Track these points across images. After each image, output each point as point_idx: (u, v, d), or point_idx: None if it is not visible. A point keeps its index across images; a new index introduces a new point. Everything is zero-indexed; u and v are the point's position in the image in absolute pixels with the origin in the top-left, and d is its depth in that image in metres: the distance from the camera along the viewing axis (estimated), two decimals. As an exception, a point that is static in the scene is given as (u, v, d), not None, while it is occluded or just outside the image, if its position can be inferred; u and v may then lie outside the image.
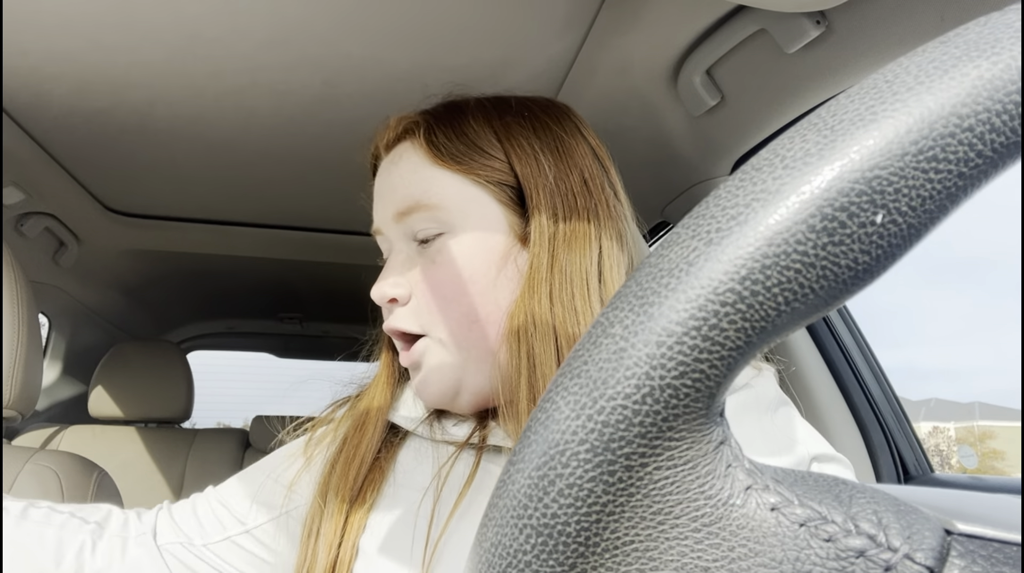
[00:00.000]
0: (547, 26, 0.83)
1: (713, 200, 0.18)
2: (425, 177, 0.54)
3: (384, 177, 0.57)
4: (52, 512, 0.56)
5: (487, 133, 0.54)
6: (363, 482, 0.55)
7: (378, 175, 0.59)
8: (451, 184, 0.53)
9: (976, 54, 0.16)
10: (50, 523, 0.55)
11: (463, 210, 0.53)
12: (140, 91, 0.97)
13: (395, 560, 0.51)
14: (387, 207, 0.56)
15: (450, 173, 0.53)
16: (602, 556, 0.18)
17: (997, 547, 0.17)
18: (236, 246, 1.61)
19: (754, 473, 0.18)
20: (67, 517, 0.57)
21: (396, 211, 0.55)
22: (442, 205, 0.53)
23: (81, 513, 0.58)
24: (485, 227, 0.53)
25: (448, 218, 0.53)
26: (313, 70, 0.92)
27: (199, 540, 0.59)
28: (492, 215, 0.53)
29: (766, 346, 0.17)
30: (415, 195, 0.53)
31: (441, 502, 0.52)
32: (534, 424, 0.19)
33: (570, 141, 0.56)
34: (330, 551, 0.53)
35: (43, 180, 1.24)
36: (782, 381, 0.59)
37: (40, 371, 0.89)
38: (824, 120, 0.18)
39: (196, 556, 0.58)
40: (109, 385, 1.75)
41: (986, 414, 11.59)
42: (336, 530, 0.53)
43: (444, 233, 0.53)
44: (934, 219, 0.17)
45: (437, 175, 0.53)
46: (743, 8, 0.75)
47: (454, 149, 0.54)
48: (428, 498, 0.53)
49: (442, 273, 0.52)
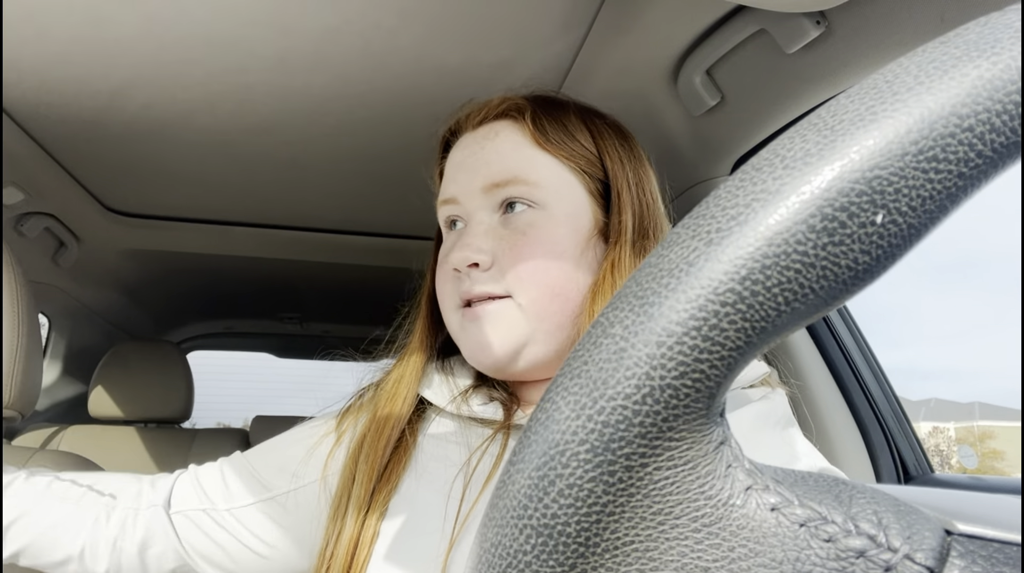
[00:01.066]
0: (547, 26, 0.83)
1: (713, 200, 0.18)
2: (527, 156, 0.57)
3: (474, 150, 0.59)
4: (72, 486, 0.60)
5: (583, 129, 0.59)
6: (391, 456, 0.57)
7: (463, 149, 0.60)
8: (550, 166, 0.57)
9: (976, 54, 0.16)
10: (68, 498, 0.59)
11: (558, 191, 0.57)
12: (140, 91, 0.97)
13: (423, 534, 0.53)
14: (476, 178, 0.58)
15: (550, 156, 0.57)
16: (602, 556, 0.18)
17: (997, 547, 0.17)
18: (236, 246, 1.60)
19: (754, 473, 0.18)
20: (85, 490, 0.60)
21: (489, 182, 0.57)
22: (540, 183, 0.56)
23: (99, 485, 0.61)
24: (575, 211, 0.57)
25: (544, 196, 0.56)
26: (313, 71, 0.92)
27: (223, 504, 0.60)
28: (581, 201, 0.57)
29: (766, 346, 0.17)
30: (513, 170, 0.56)
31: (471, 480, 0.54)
32: (534, 424, 0.19)
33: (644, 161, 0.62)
34: (357, 524, 0.55)
35: (43, 180, 1.24)
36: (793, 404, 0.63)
37: (40, 371, 0.89)
38: (824, 120, 0.18)
39: (216, 521, 0.60)
40: (109, 385, 1.75)
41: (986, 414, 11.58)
42: (363, 503, 0.55)
43: (536, 208, 0.56)
44: (934, 219, 0.17)
45: (538, 156, 0.57)
46: (743, 8, 0.75)
47: (555, 135, 0.58)
48: (459, 475, 0.55)
49: (534, 244, 0.55)
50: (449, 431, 0.59)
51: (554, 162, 0.57)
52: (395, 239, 1.62)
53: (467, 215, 0.59)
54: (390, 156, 1.21)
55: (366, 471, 0.56)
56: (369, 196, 1.39)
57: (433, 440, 0.59)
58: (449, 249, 0.59)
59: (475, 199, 0.58)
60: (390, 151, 1.19)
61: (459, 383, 0.61)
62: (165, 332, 2.36)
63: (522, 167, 0.56)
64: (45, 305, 1.75)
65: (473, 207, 0.58)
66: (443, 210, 0.61)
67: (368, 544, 0.54)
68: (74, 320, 1.90)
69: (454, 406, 0.59)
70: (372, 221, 1.54)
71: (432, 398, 0.60)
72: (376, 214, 1.50)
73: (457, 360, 0.64)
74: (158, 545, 0.59)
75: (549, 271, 0.54)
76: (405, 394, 0.60)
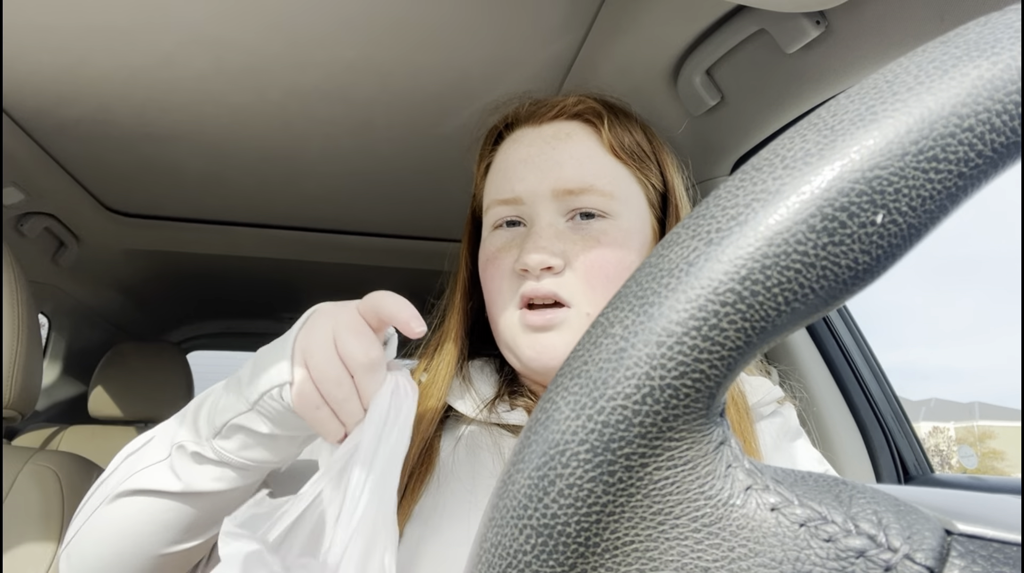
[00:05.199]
0: (547, 26, 0.83)
1: (713, 200, 0.18)
2: (602, 164, 0.57)
3: (543, 148, 0.57)
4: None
5: (644, 137, 0.60)
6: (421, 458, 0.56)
7: (527, 145, 0.58)
8: (622, 177, 0.57)
9: (976, 54, 0.16)
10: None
11: (628, 202, 0.57)
12: (140, 92, 0.97)
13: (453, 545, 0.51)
14: (547, 180, 0.56)
15: (622, 166, 0.58)
16: (602, 556, 0.18)
17: (997, 547, 0.17)
18: (236, 246, 1.60)
19: (754, 473, 0.18)
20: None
21: (562, 187, 0.55)
22: (615, 194, 0.56)
23: None
24: (640, 223, 0.58)
25: (616, 207, 0.56)
26: (312, 71, 0.92)
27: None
28: (644, 212, 0.58)
29: (766, 346, 0.17)
30: (589, 178, 0.55)
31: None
32: (534, 424, 0.19)
33: (681, 172, 0.63)
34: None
35: (43, 180, 1.24)
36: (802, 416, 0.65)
37: (40, 371, 0.89)
38: (824, 120, 0.18)
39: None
40: (109, 385, 1.75)
41: (986, 414, 11.59)
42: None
43: (608, 217, 0.56)
44: (934, 219, 0.17)
45: (613, 165, 0.57)
46: (743, 8, 0.75)
47: (628, 145, 0.58)
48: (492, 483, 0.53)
49: (607, 254, 0.54)
50: (477, 438, 0.57)
51: (626, 172, 0.57)
52: (395, 239, 1.62)
53: (532, 216, 0.56)
54: (390, 156, 1.21)
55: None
56: (369, 196, 1.39)
57: (462, 448, 0.57)
58: (500, 247, 0.57)
59: (543, 201, 0.56)
60: (390, 151, 1.19)
61: (479, 389, 0.60)
62: (165, 332, 2.36)
63: (597, 175, 0.56)
64: (45, 305, 1.75)
65: (541, 209, 0.56)
66: (500, 209, 0.58)
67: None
68: (74, 320, 1.90)
69: (483, 414, 0.57)
70: (372, 221, 1.54)
71: (461, 408, 0.58)
72: (376, 214, 1.50)
73: (473, 366, 0.63)
74: None
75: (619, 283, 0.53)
76: (437, 402, 0.58)
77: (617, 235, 0.55)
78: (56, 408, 2.00)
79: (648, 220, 0.58)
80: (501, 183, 0.58)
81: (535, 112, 0.59)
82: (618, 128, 0.58)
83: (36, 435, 1.68)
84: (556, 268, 0.54)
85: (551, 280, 0.54)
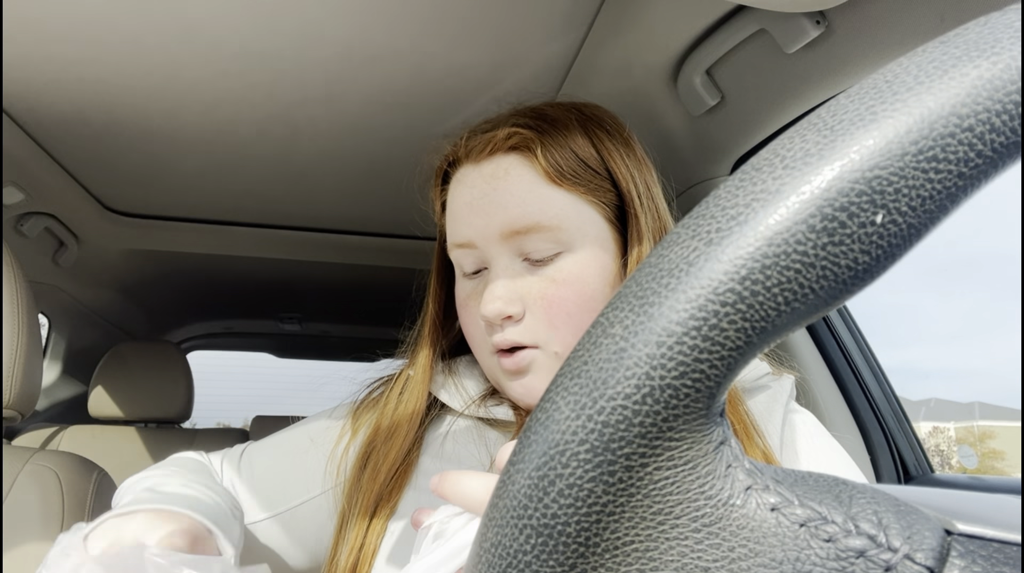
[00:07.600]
0: (547, 26, 0.83)
1: (713, 200, 0.18)
2: (542, 196, 0.53)
3: (484, 190, 0.54)
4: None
5: (589, 149, 0.55)
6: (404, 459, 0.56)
7: (469, 187, 0.56)
8: (568, 204, 0.53)
9: (976, 54, 0.16)
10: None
11: (581, 230, 0.53)
12: (140, 92, 0.97)
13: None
14: (492, 224, 0.53)
15: (565, 192, 0.53)
16: (602, 556, 0.18)
17: (997, 547, 0.17)
18: (236, 246, 1.61)
19: (754, 473, 0.18)
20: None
21: (508, 230, 0.53)
22: (562, 226, 0.53)
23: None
24: (600, 246, 0.54)
25: (567, 238, 0.53)
26: (312, 71, 0.92)
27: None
28: (603, 234, 0.54)
29: (766, 346, 0.17)
30: (533, 215, 0.52)
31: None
32: (534, 424, 0.19)
33: (646, 162, 0.58)
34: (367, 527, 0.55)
35: (43, 180, 1.24)
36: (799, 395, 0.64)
37: (40, 371, 0.89)
38: (824, 120, 0.18)
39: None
40: (109, 385, 1.75)
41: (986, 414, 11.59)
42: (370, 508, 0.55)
43: (562, 252, 0.53)
44: (934, 219, 0.17)
45: (554, 195, 0.53)
46: (743, 8, 0.75)
47: (568, 168, 0.53)
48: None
49: (565, 292, 0.52)
50: (464, 433, 0.58)
51: (571, 198, 0.53)
52: (395, 239, 1.62)
53: (488, 259, 0.55)
54: (390, 156, 1.21)
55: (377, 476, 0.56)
56: (369, 196, 1.39)
57: (449, 442, 0.58)
58: (469, 293, 0.57)
59: (495, 245, 0.54)
60: (390, 151, 1.19)
61: (466, 384, 0.61)
62: (165, 332, 2.36)
63: (541, 210, 0.52)
64: (45, 305, 1.75)
65: (494, 253, 0.54)
66: (458, 253, 0.57)
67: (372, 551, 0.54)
68: (74, 320, 1.90)
69: (471, 409, 0.58)
70: (372, 221, 1.54)
71: (448, 401, 0.59)
72: (376, 214, 1.50)
73: (463, 362, 0.64)
74: None
75: (582, 316, 0.53)
76: (417, 398, 0.59)
77: (573, 269, 0.53)
78: (56, 408, 2.00)
79: (608, 238, 0.55)
80: (453, 227, 0.57)
81: (472, 149, 0.56)
82: (554, 151, 0.53)
83: (36, 435, 1.68)
84: (516, 315, 0.53)
85: (512, 329, 0.53)
